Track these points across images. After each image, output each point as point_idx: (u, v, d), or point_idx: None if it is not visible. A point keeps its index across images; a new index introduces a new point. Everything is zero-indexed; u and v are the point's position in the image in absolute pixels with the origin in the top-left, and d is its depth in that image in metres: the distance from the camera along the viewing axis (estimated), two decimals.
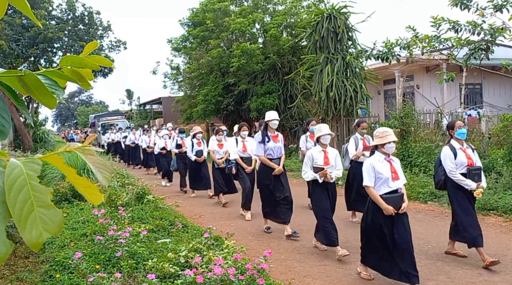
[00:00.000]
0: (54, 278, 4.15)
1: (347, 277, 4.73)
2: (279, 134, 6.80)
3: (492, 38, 7.53)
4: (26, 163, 0.68)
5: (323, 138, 5.56)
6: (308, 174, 5.56)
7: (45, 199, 0.66)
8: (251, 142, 7.69)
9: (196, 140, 10.22)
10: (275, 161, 6.54)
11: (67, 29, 21.14)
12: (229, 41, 19.18)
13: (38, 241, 0.64)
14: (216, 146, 9.17)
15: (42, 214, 0.65)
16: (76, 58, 1.06)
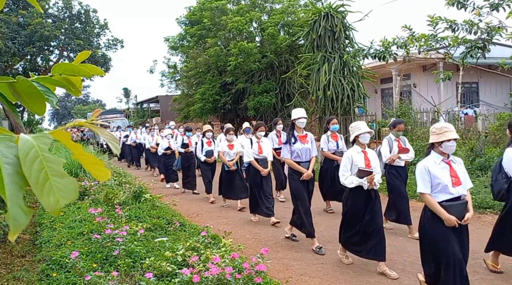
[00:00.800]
0: (50, 277, 4.15)
1: (344, 275, 4.74)
2: (308, 133, 6.02)
3: (488, 37, 7.56)
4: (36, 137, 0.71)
5: (362, 137, 4.88)
6: (350, 180, 4.75)
7: (59, 169, 0.69)
8: (267, 143, 7.38)
9: (206, 139, 9.53)
10: (304, 165, 5.81)
11: (63, 27, 21.08)
12: (226, 40, 19.16)
13: (56, 207, 0.67)
14: (226, 146, 8.46)
15: (57, 182, 0.68)
16: (68, 66, 1.07)
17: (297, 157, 5.80)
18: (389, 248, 5.58)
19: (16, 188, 0.66)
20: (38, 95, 1.01)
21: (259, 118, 17.63)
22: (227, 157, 8.36)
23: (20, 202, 0.65)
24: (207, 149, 9.41)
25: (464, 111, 15.48)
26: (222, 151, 8.38)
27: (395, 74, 17.18)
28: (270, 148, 7.45)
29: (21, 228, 0.64)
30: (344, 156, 4.96)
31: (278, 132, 8.76)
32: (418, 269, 4.77)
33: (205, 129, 9.61)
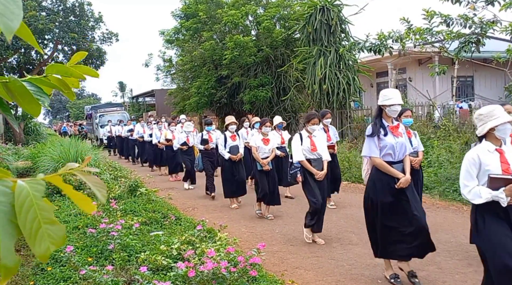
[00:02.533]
0: (45, 271, 4.14)
1: (339, 268, 4.77)
2: (400, 124, 4.48)
3: (482, 31, 7.56)
4: (31, 184, 0.75)
5: (501, 130, 3.28)
6: (477, 192, 3.25)
7: (50, 216, 0.74)
8: (321, 138, 6.00)
9: (230, 133, 8.24)
10: (397, 166, 4.24)
11: (57, 20, 20.90)
12: (222, 33, 19.09)
13: (46, 253, 0.72)
14: (260, 141, 7.20)
15: (48, 229, 0.73)
16: (62, 67, 1.07)
17: (387, 156, 4.25)
18: None
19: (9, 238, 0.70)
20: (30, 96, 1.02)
21: (254, 112, 17.61)
22: (261, 154, 7.15)
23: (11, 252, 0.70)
24: (232, 144, 8.14)
25: (459, 104, 15.53)
26: (255, 147, 7.16)
27: (390, 68, 17.19)
28: (325, 144, 5.99)
29: (11, 274, 0.69)
30: (466, 158, 3.40)
31: (325, 126, 7.57)
32: (413, 261, 4.81)
33: (228, 121, 8.38)
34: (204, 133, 9.46)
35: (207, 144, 9.32)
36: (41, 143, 15.95)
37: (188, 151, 10.57)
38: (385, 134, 4.23)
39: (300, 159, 5.66)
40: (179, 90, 22.07)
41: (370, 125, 4.38)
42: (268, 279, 3.96)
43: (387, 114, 4.29)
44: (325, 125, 7.57)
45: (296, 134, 5.87)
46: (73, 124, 42.19)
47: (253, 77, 18.08)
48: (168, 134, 12.11)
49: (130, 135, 16.38)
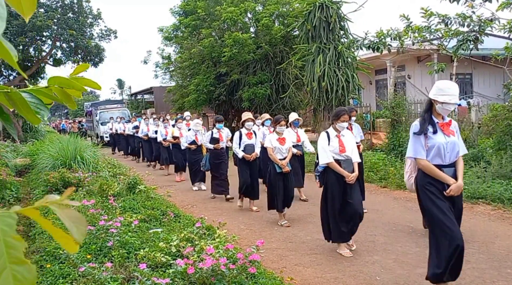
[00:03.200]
0: (45, 268, 4.14)
1: (337, 265, 4.78)
2: (452, 120, 3.95)
3: (480, 29, 7.57)
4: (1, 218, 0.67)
5: None
6: None
7: (19, 255, 0.66)
8: (350, 138, 5.24)
9: (246, 131, 7.70)
10: (447, 171, 3.71)
11: (56, 17, 20.84)
12: (220, 31, 19.05)
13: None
14: (276, 141, 6.57)
15: (14, 271, 0.65)
16: (64, 80, 1.05)
17: (436, 158, 3.70)
18: (382, 238, 5.64)
19: None
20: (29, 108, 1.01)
21: (253, 109, 17.61)
22: (278, 155, 6.52)
23: None
24: (247, 142, 7.59)
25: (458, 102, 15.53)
26: (271, 147, 6.49)
27: (389, 65, 17.19)
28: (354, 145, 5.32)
29: None
30: None
31: (349, 124, 6.76)
32: (411, 258, 4.83)
33: (245, 117, 7.78)
34: (214, 131, 8.74)
35: (217, 143, 8.62)
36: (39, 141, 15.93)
37: (196, 151, 9.87)
38: (434, 132, 3.73)
39: (327, 161, 4.95)
40: (178, 87, 22.05)
41: (417, 120, 3.86)
42: (267, 276, 3.97)
43: (437, 112, 3.80)
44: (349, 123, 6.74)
45: (323, 133, 5.17)
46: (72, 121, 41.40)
47: (252, 74, 18.07)
48: (175, 131, 11.56)
49: (135, 132, 15.67)
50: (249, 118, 7.72)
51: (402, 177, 8.92)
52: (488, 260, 4.77)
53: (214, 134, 8.69)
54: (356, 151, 5.17)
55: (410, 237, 5.67)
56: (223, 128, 9.01)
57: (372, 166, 10.17)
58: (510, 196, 7.07)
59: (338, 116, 5.07)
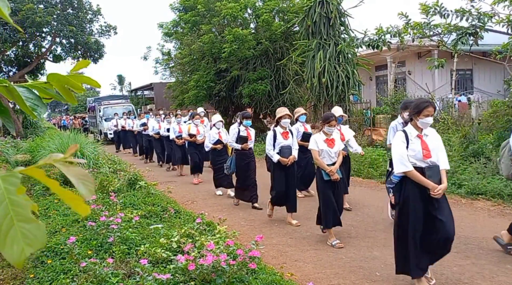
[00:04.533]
0: (45, 264, 4.16)
1: (338, 261, 4.80)
2: None
3: (480, 23, 7.55)
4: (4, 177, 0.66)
5: None
6: None
7: (26, 213, 0.64)
8: (436, 138, 4.02)
9: (281, 129, 6.43)
10: None
11: (55, 13, 20.78)
12: (220, 27, 19.00)
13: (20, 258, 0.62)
14: (323, 143, 5.41)
15: (23, 228, 0.63)
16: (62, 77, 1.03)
17: None
18: (382, 234, 5.65)
19: None
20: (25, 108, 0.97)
21: (253, 105, 17.59)
22: (326, 160, 5.39)
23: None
24: (283, 143, 6.36)
25: (458, 98, 15.54)
26: (317, 150, 5.40)
27: (389, 61, 17.17)
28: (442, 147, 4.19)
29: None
30: None
31: None
32: None
33: (281, 113, 6.50)
34: (241, 128, 7.57)
35: (245, 142, 7.51)
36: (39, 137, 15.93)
37: (222, 151, 8.67)
38: None
39: (406, 170, 3.83)
40: (178, 84, 22.01)
41: None
42: (267, 272, 3.99)
43: None
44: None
45: (399, 133, 4.04)
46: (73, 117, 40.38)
47: (252, 70, 18.03)
48: (191, 128, 10.29)
49: (143, 130, 14.44)
50: (285, 114, 6.40)
51: None
52: (488, 255, 4.79)
53: (241, 132, 7.56)
54: (443, 155, 4.00)
55: None
56: (250, 125, 7.75)
57: (372, 162, 10.18)
58: (510, 192, 7.08)
59: (420, 109, 3.87)
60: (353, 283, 4.20)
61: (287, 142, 6.39)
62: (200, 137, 10.09)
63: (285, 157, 6.31)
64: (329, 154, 5.41)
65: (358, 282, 4.22)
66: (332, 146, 5.46)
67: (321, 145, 5.42)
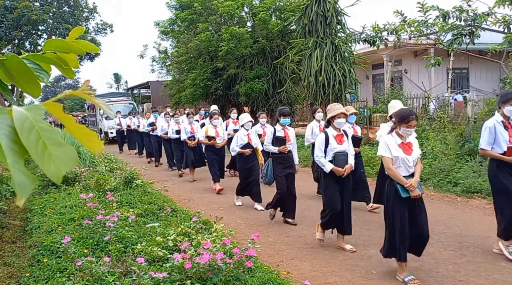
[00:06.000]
0: (41, 262, 4.15)
1: (334, 259, 4.81)
2: None
3: (475, 23, 7.58)
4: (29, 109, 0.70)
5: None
6: None
7: (56, 138, 0.68)
8: None
9: (334, 131, 5.16)
10: None
11: (51, 11, 20.71)
12: (217, 25, 18.97)
13: (59, 174, 0.67)
14: (399, 148, 4.21)
15: (56, 151, 0.67)
16: (60, 42, 1.01)
17: None
18: (378, 232, 5.66)
19: (16, 156, 0.65)
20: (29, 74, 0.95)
21: (250, 104, 17.59)
22: (402, 170, 4.20)
23: (23, 169, 0.65)
24: (338, 148, 5.10)
25: (454, 96, 15.58)
26: (389, 157, 4.20)
27: (386, 60, 17.19)
28: None
29: (27, 192, 0.64)
30: None
31: None
32: None
33: (335, 111, 5.14)
34: (277, 128, 6.47)
35: (283, 144, 6.30)
36: None
37: (251, 157, 7.40)
38: None
39: None
40: (174, 82, 21.98)
41: None
42: (263, 270, 4.00)
43: None
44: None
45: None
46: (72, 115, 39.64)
47: (249, 69, 18.02)
48: (210, 129, 8.93)
49: (151, 130, 13.18)
50: (340, 112, 5.10)
51: None
52: (483, 253, 4.81)
53: (277, 132, 6.41)
54: None
55: None
56: (288, 123, 6.59)
57: (368, 161, 10.20)
58: None
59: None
60: (349, 281, 4.22)
61: (342, 147, 5.12)
62: (219, 140, 8.90)
63: (341, 166, 5.04)
64: (406, 163, 4.22)
65: (354, 280, 4.23)
66: (409, 152, 4.25)
67: (395, 151, 4.21)
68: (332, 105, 5.27)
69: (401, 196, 4.10)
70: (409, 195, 4.11)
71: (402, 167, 4.21)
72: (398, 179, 4.15)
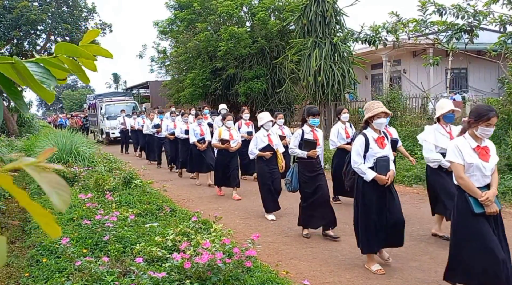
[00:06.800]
0: (40, 262, 4.15)
1: (333, 259, 4.82)
2: None
3: (475, 20, 7.59)
4: None
5: None
6: None
7: None
8: None
9: (374, 134, 4.47)
10: None
11: (50, 11, 20.69)
12: (216, 25, 18.98)
13: None
14: (473, 152, 3.55)
15: None
16: (70, 47, 0.93)
17: None
18: None
19: None
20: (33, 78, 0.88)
21: (249, 104, 17.60)
22: (476, 180, 3.52)
23: None
24: (380, 154, 4.40)
25: (453, 96, 15.60)
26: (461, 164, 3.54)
27: (385, 60, 17.21)
28: None
29: None
30: None
31: None
32: (405, 252, 4.86)
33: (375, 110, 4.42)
34: (305, 129, 5.66)
35: (313, 148, 5.55)
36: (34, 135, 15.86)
37: (272, 160, 6.73)
38: None
39: None
40: (173, 82, 21.98)
41: None
42: (262, 270, 4.00)
43: None
44: None
45: None
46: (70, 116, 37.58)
47: (248, 68, 18.03)
48: (223, 132, 8.19)
49: (156, 132, 12.57)
50: (381, 111, 4.37)
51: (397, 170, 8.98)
52: None
53: (306, 134, 5.62)
54: None
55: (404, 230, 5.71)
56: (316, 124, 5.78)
57: None
58: (503, 190, 7.14)
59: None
60: (348, 281, 4.22)
61: (384, 151, 4.42)
62: (234, 144, 8.20)
63: (383, 173, 4.32)
64: (481, 171, 3.50)
65: (353, 280, 4.24)
66: (486, 158, 3.53)
67: (469, 156, 3.51)
68: (371, 104, 4.60)
69: (473, 211, 3.40)
70: (484, 210, 3.41)
71: (476, 176, 3.51)
72: (471, 191, 3.44)
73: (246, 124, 9.69)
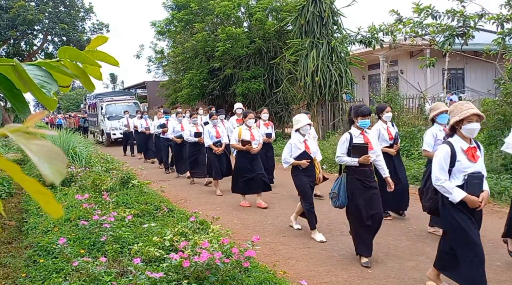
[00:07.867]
0: (38, 263, 4.15)
1: (330, 259, 4.83)
2: None
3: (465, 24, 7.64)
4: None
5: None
6: None
7: None
8: None
9: (464, 143, 3.54)
10: None
11: (47, 11, 20.65)
12: (214, 25, 18.98)
13: None
14: None
15: None
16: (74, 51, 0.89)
17: None
18: None
19: None
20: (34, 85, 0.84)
21: (247, 104, 17.60)
22: None
23: None
24: (472, 169, 3.52)
25: (450, 97, 15.65)
26: None
27: (382, 60, 17.26)
28: None
29: None
30: None
31: None
32: (402, 252, 4.89)
33: (464, 113, 3.46)
34: (353, 133, 4.77)
35: (364, 153, 4.64)
36: None
37: (309, 170, 5.75)
38: None
39: None
40: (171, 82, 21.96)
41: None
42: (260, 270, 4.01)
43: None
44: None
45: None
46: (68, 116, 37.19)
47: (246, 69, 18.04)
48: (243, 131, 7.45)
49: (161, 133, 11.83)
50: (473, 114, 3.43)
51: None
52: None
53: (355, 138, 4.74)
54: None
55: (401, 230, 5.74)
56: None
57: None
58: (499, 190, 7.17)
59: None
60: (345, 281, 4.24)
61: (475, 166, 3.51)
62: (255, 145, 7.44)
63: (475, 194, 3.46)
64: None
65: (350, 280, 4.26)
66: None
67: None
68: (458, 105, 3.60)
69: None
70: None
71: None
72: None
73: (265, 125, 8.76)
